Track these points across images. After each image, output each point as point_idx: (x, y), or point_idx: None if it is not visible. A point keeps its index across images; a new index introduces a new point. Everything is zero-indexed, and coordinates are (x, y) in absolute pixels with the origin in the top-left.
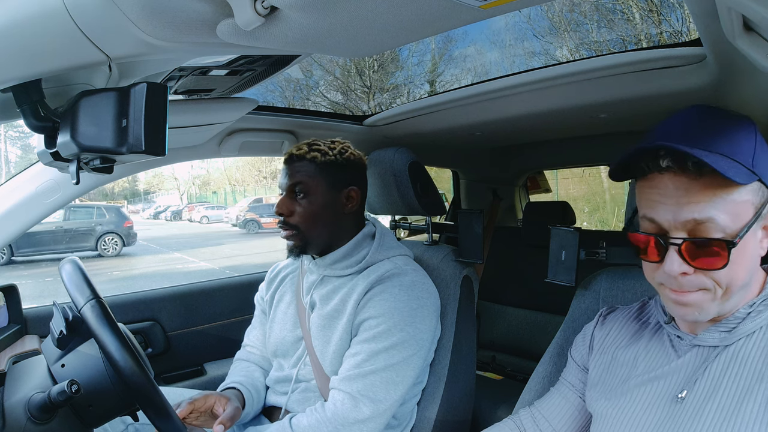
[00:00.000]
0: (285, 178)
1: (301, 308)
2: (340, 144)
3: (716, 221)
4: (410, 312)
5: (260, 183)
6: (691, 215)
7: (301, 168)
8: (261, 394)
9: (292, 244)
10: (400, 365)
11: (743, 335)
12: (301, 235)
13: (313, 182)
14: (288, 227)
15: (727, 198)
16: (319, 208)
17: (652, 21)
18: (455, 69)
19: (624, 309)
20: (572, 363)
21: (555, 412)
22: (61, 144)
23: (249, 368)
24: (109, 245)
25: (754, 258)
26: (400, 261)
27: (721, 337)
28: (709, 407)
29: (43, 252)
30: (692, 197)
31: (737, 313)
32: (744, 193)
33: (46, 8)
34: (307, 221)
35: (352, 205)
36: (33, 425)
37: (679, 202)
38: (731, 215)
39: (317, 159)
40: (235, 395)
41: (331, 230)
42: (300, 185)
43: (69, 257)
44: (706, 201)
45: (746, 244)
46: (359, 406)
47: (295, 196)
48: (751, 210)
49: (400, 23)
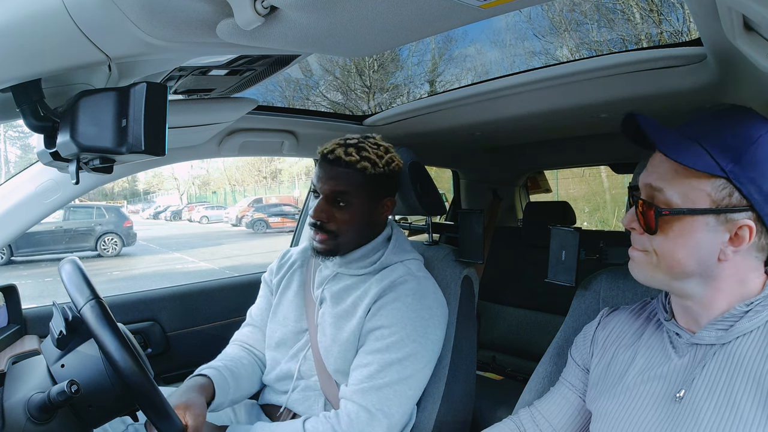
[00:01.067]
0: (328, 181)
1: (309, 301)
2: (386, 152)
3: (665, 193)
4: (422, 322)
5: (260, 183)
6: (649, 180)
7: (348, 176)
8: (241, 381)
9: (323, 248)
10: (412, 378)
11: (740, 334)
12: (336, 240)
13: (357, 192)
14: (324, 232)
15: (684, 180)
16: (358, 217)
17: (653, 21)
18: (455, 69)
19: (626, 308)
20: (572, 363)
21: (555, 411)
22: (61, 144)
23: (237, 352)
24: (109, 245)
25: (704, 249)
26: (413, 266)
27: (718, 335)
28: (707, 406)
29: (42, 252)
30: (658, 168)
31: (734, 311)
32: (703, 183)
33: (46, 8)
34: (343, 229)
35: (386, 213)
36: (32, 425)
37: (651, 170)
38: (681, 195)
39: (367, 170)
40: (202, 388)
41: (363, 236)
42: (344, 194)
43: (69, 257)
44: (665, 174)
45: (688, 228)
46: (374, 421)
47: (335, 203)
48: (705, 200)
49: (400, 23)
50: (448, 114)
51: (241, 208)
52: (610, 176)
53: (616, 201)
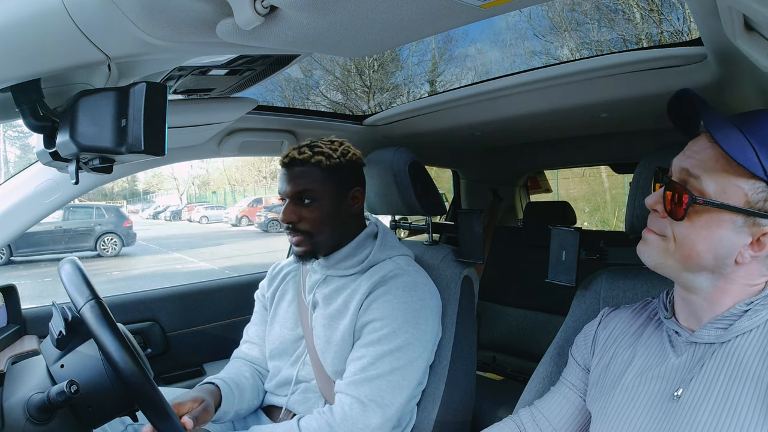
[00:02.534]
0: (288, 184)
1: (302, 307)
2: (340, 144)
3: (702, 181)
4: (413, 314)
5: (260, 183)
6: (686, 165)
7: (306, 173)
8: (245, 393)
9: (301, 250)
10: (406, 368)
11: (739, 333)
12: (311, 240)
13: (320, 188)
14: (298, 233)
15: (724, 173)
16: (327, 212)
17: (653, 20)
18: (455, 69)
19: (627, 307)
20: (573, 362)
21: (555, 411)
22: (61, 144)
23: (240, 367)
24: (109, 245)
25: (725, 247)
26: (402, 261)
27: (717, 334)
28: (705, 405)
29: (42, 252)
30: (699, 155)
31: (734, 310)
32: (742, 181)
33: (45, 7)
34: (316, 227)
35: (357, 205)
36: (32, 426)
37: (690, 154)
38: (719, 187)
39: (322, 163)
40: (210, 392)
41: (339, 232)
42: (306, 192)
43: (68, 257)
44: (705, 162)
45: (715, 221)
46: (368, 412)
47: (301, 203)
48: (740, 198)
49: (400, 22)
50: (448, 114)
51: (241, 208)
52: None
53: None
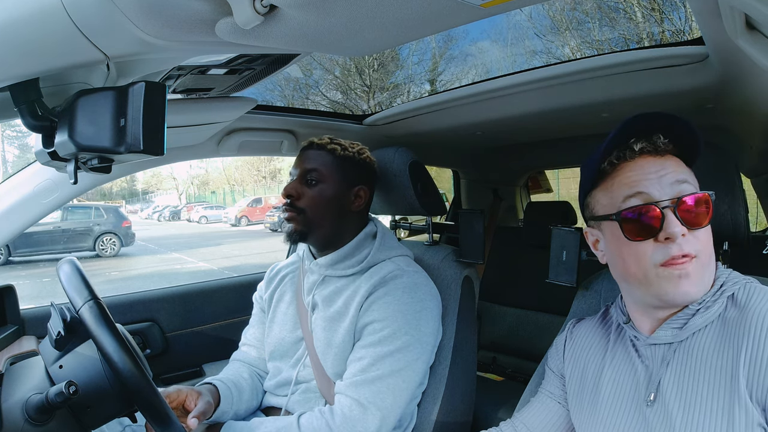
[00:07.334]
0: (300, 164)
1: (302, 309)
2: (359, 146)
3: (690, 184)
4: (414, 315)
5: (259, 183)
6: (674, 177)
7: (319, 157)
8: (244, 394)
9: (292, 227)
10: (406, 370)
11: (695, 330)
12: (305, 219)
13: (327, 172)
14: (293, 209)
15: (690, 172)
16: (328, 198)
17: (654, 20)
18: (456, 68)
19: (590, 319)
20: (550, 373)
21: (537, 421)
22: (59, 143)
23: (238, 368)
24: (107, 245)
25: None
26: (401, 262)
27: (674, 333)
28: (676, 405)
29: (40, 252)
30: (667, 168)
31: (687, 309)
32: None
33: (44, 6)
34: (313, 207)
35: (359, 203)
36: (30, 427)
37: (659, 173)
38: (695, 186)
39: (336, 151)
40: (209, 391)
41: (335, 224)
42: (314, 172)
43: (67, 257)
44: (678, 168)
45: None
46: (368, 414)
47: (306, 182)
48: None
49: (400, 22)
50: (449, 113)
51: (240, 208)
52: None
53: None
